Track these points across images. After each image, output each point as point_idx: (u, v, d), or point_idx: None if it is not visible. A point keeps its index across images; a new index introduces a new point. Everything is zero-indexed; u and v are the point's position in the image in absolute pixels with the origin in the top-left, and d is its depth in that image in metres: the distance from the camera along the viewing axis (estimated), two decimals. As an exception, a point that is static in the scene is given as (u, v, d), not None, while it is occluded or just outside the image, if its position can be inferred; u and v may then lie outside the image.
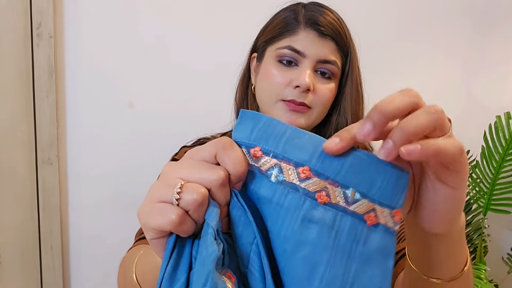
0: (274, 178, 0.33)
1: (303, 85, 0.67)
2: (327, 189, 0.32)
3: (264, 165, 0.33)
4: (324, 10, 0.71)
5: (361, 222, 0.32)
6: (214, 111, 1.25)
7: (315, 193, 0.32)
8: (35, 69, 1.13)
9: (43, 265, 1.22)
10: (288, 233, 0.32)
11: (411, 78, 1.38)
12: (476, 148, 1.30)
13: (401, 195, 0.32)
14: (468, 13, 1.37)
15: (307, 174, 0.32)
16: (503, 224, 1.47)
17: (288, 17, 0.72)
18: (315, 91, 0.69)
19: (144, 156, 1.25)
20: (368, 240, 0.31)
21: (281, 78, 0.69)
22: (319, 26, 0.68)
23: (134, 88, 1.22)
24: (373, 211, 0.32)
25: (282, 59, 0.70)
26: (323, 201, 0.32)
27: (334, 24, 0.69)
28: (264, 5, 1.22)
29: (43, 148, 1.17)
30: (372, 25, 1.29)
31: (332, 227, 0.31)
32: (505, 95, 1.45)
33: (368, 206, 0.32)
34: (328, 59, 0.69)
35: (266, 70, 0.72)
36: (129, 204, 1.25)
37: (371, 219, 0.31)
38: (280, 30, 0.71)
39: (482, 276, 1.13)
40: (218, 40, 1.24)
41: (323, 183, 0.32)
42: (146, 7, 1.19)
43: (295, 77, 0.68)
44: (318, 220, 0.32)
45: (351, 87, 0.73)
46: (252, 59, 0.80)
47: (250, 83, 0.80)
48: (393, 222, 0.32)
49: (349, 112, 0.73)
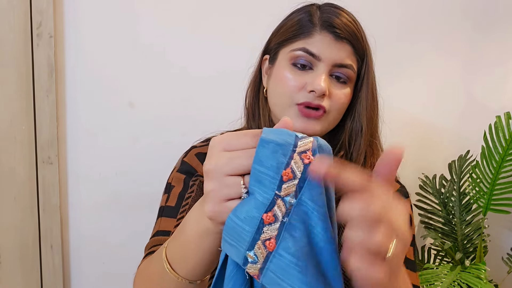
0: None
1: (319, 90, 0.64)
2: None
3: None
4: (339, 11, 0.68)
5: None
6: (214, 111, 1.25)
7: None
8: (35, 69, 1.13)
9: (43, 265, 1.22)
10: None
11: (412, 78, 1.38)
12: (476, 148, 1.30)
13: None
14: (468, 13, 1.37)
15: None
16: (503, 224, 1.47)
17: (302, 19, 0.69)
18: (331, 96, 0.67)
19: (144, 155, 1.25)
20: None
21: (295, 82, 0.66)
22: (335, 28, 0.65)
23: (134, 88, 1.22)
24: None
25: (296, 62, 0.67)
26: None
27: (351, 27, 0.67)
28: (266, 8, 1.22)
29: (43, 147, 1.17)
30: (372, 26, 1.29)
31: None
32: (505, 95, 1.45)
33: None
34: (344, 63, 0.67)
35: (279, 73, 0.69)
36: (129, 203, 1.25)
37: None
38: (294, 32, 0.68)
39: (482, 276, 1.13)
40: (218, 41, 1.24)
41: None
42: (146, 7, 1.19)
43: (310, 81, 0.65)
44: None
45: (366, 91, 0.70)
46: (263, 61, 0.77)
47: (262, 86, 0.76)
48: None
49: (364, 118, 0.70)
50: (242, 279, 0.36)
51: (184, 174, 0.73)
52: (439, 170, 1.38)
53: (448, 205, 1.32)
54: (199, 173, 0.72)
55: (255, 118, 0.75)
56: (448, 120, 1.43)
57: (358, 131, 0.71)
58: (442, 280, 1.13)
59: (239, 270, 0.36)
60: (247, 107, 0.79)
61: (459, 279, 1.11)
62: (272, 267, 0.34)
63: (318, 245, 0.35)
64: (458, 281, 1.11)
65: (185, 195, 0.69)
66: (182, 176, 0.73)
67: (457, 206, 1.32)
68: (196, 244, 0.43)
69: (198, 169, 0.73)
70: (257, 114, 0.75)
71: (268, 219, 0.34)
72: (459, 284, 1.10)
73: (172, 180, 0.74)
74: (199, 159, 0.75)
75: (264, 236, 0.34)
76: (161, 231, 0.67)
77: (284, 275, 0.33)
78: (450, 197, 1.32)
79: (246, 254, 0.34)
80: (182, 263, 0.45)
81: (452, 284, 1.10)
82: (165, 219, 0.68)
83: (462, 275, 1.13)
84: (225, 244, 0.36)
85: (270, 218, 0.34)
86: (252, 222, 0.34)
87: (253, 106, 0.77)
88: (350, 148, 0.71)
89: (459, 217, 1.31)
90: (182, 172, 0.74)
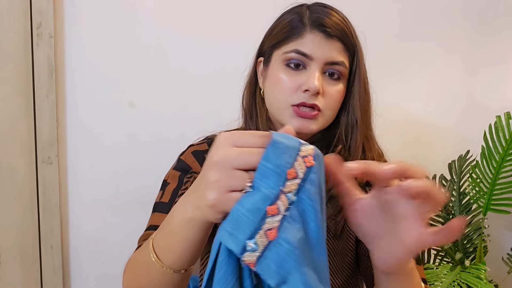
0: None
1: (313, 89, 0.67)
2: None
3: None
4: (328, 10, 0.70)
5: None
6: (213, 111, 1.25)
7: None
8: (35, 69, 1.13)
9: (43, 265, 1.22)
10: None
11: (412, 78, 1.38)
12: (476, 148, 1.30)
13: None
14: (468, 13, 1.37)
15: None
16: (503, 224, 1.47)
17: (293, 20, 0.71)
18: (325, 93, 0.69)
19: (144, 155, 1.25)
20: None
21: (290, 83, 0.69)
22: (325, 27, 0.68)
23: (134, 88, 1.22)
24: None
25: (289, 63, 0.69)
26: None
27: (340, 24, 0.69)
28: (264, 7, 1.22)
29: (43, 147, 1.17)
30: (372, 25, 1.29)
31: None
32: (505, 95, 1.45)
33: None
34: (336, 60, 0.69)
35: (274, 75, 0.72)
36: (129, 203, 1.25)
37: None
38: (286, 34, 0.71)
39: (482, 276, 1.13)
40: (217, 41, 1.24)
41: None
42: (146, 7, 1.19)
43: (303, 81, 0.68)
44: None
45: (359, 85, 0.73)
46: (258, 63, 0.79)
47: (258, 87, 0.79)
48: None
49: (358, 111, 0.73)
50: (233, 267, 0.39)
51: (179, 171, 0.76)
52: (439, 170, 1.38)
53: (448, 205, 1.32)
54: (194, 170, 0.75)
55: (252, 118, 0.78)
56: (448, 120, 1.43)
57: (354, 125, 0.73)
58: (442, 280, 1.13)
59: (230, 259, 0.39)
60: (245, 108, 0.81)
61: (459, 279, 1.11)
62: (270, 255, 0.38)
63: (312, 239, 0.40)
64: (458, 281, 1.11)
65: (178, 192, 0.72)
66: (177, 173, 0.76)
67: (457, 206, 1.32)
68: (181, 234, 0.45)
69: (193, 166, 0.76)
70: (254, 115, 0.78)
71: (272, 211, 0.38)
72: (459, 284, 1.10)
73: (168, 177, 0.76)
74: (195, 156, 0.78)
75: (267, 226, 0.38)
76: (153, 226, 0.70)
77: (281, 262, 0.37)
78: (450, 197, 1.32)
79: (246, 242, 0.37)
80: (168, 253, 0.48)
81: (452, 284, 1.10)
82: (158, 214, 0.72)
83: (462, 275, 1.13)
84: (224, 233, 0.38)
85: (274, 211, 0.38)
86: (257, 213, 0.37)
87: (250, 107, 0.79)
88: (347, 141, 0.74)
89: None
90: (177, 169, 0.77)
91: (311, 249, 0.40)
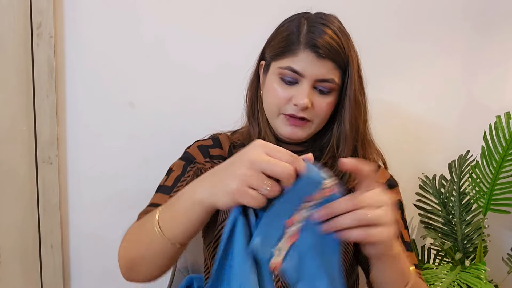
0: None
1: (301, 105, 0.74)
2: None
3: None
4: (323, 28, 0.74)
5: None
6: (214, 111, 1.25)
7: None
8: (35, 69, 1.13)
9: (43, 264, 1.22)
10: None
11: (411, 78, 1.38)
12: (476, 148, 1.30)
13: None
14: (468, 14, 1.37)
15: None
16: (503, 224, 1.47)
17: (290, 36, 0.76)
18: (314, 106, 0.76)
19: (144, 155, 1.25)
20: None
21: (283, 94, 0.76)
22: (318, 48, 0.73)
23: (134, 88, 1.22)
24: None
25: (283, 77, 0.76)
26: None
27: (332, 44, 0.73)
28: (265, 5, 1.22)
29: (43, 147, 1.17)
30: (372, 25, 1.29)
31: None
32: (505, 95, 1.45)
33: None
34: (326, 78, 0.75)
35: (270, 85, 0.79)
36: (129, 203, 1.25)
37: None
38: (282, 49, 0.76)
39: (482, 276, 1.13)
40: (218, 39, 1.24)
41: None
42: (146, 6, 1.19)
43: (295, 95, 0.75)
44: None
45: (349, 98, 0.78)
46: (260, 66, 0.85)
47: (259, 88, 0.85)
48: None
49: (347, 123, 0.79)
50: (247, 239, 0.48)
51: (184, 161, 0.83)
52: (439, 170, 1.37)
53: (448, 205, 1.32)
54: (197, 161, 0.83)
55: (254, 116, 0.85)
56: (448, 120, 1.43)
57: (344, 135, 0.80)
58: (442, 280, 1.13)
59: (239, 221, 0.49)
60: (248, 106, 0.88)
61: (459, 279, 1.11)
62: (292, 254, 0.48)
63: (322, 246, 0.50)
64: (458, 281, 1.10)
65: (181, 178, 0.79)
66: (182, 163, 0.83)
67: (457, 206, 1.32)
68: (185, 213, 0.52)
69: (197, 158, 0.84)
70: (256, 113, 0.85)
71: (291, 222, 0.49)
72: (459, 284, 1.10)
73: (174, 166, 0.83)
74: (200, 149, 0.85)
75: (288, 233, 0.48)
76: (154, 204, 0.76)
77: (300, 261, 0.49)
78: (450, 197, 1.32)
79: (272, 250, 0.48)
80: (170, 227, 0.55)
81: (452, 284, 1.10)
82: (159, 195, 0.78)
83: (462, 275, 1.13)
84: (257, 242, 0.48)
85: (293, 221, 0.49)
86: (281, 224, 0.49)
87: (252, 105, 0.86)
88: (338, 149, 0.81)
89: (459, 217, 1.31)
90: (182, 159, 0.84)
91: (321, 251, 0.50)
